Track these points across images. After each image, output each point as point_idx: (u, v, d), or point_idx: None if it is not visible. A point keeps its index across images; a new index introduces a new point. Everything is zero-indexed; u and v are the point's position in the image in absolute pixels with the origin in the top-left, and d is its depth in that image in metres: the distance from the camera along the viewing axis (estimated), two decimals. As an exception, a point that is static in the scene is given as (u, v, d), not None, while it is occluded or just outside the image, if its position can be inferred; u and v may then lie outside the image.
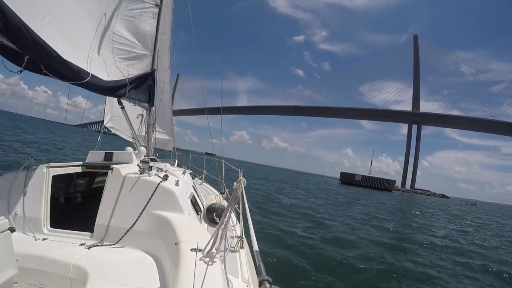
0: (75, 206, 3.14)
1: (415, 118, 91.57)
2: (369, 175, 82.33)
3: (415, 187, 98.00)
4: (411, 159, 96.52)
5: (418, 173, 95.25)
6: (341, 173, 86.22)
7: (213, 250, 1.59)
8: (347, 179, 79.33)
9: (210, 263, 1.51)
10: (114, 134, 5.98)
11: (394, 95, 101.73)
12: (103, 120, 5.57)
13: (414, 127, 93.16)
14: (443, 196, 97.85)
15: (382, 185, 76.87)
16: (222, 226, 1.59)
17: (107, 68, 3.29)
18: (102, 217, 2.38)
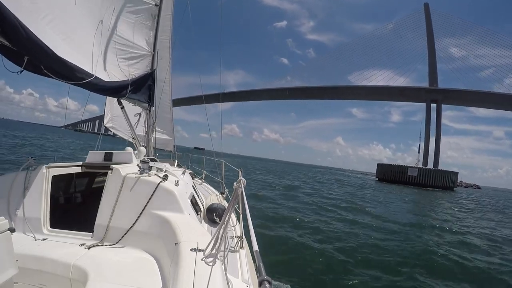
0: (75, 206, 3.14)
1: (434, 95, 68.82)
2: (417, 166, 55.57)
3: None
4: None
5: (409, 158, 76.58)
6: (379, 165, 58.71)
7: (213, 250, 1.59)
8: (392, 175, 52.85)
9: (210, 263, 1.51)
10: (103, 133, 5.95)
11: (386, 83, 79.23)
12: (104, 120, 5.57)
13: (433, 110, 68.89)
14: (478, 187, 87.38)
15: (446, 181, 50.65)
16: (223, 226, 1.59)
17: (107, 68, 3.29)
18: (102, 217, 2.38)
